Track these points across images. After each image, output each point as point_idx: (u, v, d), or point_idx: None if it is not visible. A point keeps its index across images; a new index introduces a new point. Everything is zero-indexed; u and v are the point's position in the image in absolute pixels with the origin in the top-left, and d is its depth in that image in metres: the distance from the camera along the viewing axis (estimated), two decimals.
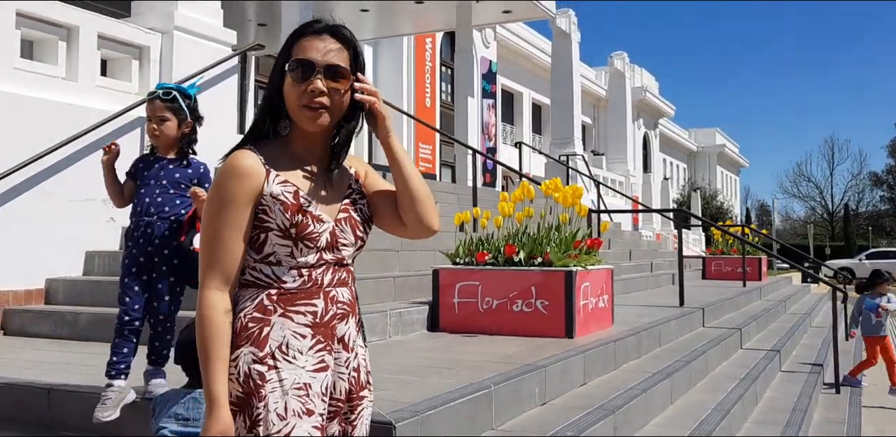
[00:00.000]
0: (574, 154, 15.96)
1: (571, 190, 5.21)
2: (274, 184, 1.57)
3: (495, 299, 4.93)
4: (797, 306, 10.90)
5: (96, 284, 5.20)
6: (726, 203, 41.54)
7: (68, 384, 3.23)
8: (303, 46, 1.61)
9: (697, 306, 6.67)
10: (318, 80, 1.57)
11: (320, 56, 1.58)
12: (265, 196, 1.56)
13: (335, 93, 1.59)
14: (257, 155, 1.59)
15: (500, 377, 3.32)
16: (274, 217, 1.56)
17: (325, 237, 1.59)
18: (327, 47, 1.60)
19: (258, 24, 13.70)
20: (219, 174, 1.58)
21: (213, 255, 1.56)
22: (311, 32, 1.62)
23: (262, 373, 1.51)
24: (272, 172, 1.58)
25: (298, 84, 1.58)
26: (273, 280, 1.57)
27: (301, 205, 1.58)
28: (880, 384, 7.46)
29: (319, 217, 1.59)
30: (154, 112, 3.11)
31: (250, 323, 1.54)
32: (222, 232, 1.55)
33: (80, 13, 5.98)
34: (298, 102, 1.58)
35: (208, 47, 6.76)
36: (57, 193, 5.45)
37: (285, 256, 1.57)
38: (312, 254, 1.58)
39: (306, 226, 1.57)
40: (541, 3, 12.88)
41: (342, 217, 1.64)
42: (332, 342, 1.61)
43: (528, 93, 27.30)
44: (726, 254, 12.01)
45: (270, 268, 1.58)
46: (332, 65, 1.58)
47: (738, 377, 5.12)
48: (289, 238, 1.56)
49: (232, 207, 1.55)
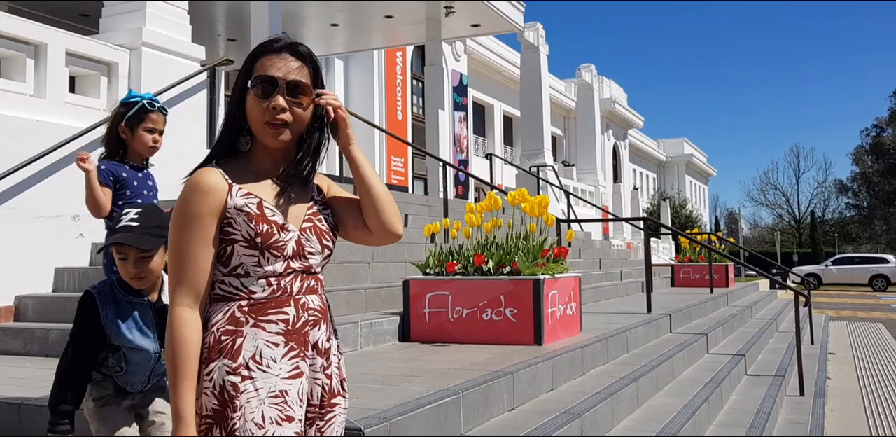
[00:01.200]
0: (544, 165, 16.12)
1: (538, 200, 5.32)
2: (237, 197, 1.61)
3: (465, 308, 5.01)
4: (763, 311, 11.09)
5: (66, 300, 5.19)
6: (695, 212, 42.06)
7: (38, 399, 3.24)
8: (264, 65, 1.64)
9: (665, 313, 6.79)
10: (279, 97, 1.61)
11: (281, 73, 1.62)
12: (229, 209, 1.60)
13: (297, 109, 1.63)
14: (220, 171, 1.62)
15: (469, 384, 3.39)
16: (239, 228, 1.59)
17: (292, 246, 1.62)
18: (288, 65, 1.64)
19: (228, 40, 13.73)
20: (183, 192, 1.61)
21: (182, 271, 1.58)
22: (271, 51, 1.66)
23: (235, 384, 1.52)
24: (234, 185, 1.62)
25: (261, 101, 1.61)
26: (243, 292, 1.60)
27: (265, 215, 1.61)
28: (843, 385, 7.63)
29: (284, 226, 1.62)
30: (157, 124, 3.18)
31: (223, 336, 1.56)
32: (190, 248, 1.58)
33: (47, 30, 6.00)
34: (261, 118, 1.61)
35: (177, 63, 6.81)
36: (25, 209, 5.45)
37: (253, 266, 1.60)
38: (280, 262, 1.61)
39: (271, 234, 1.60)
40: (509, 16, 13.06)
41: (307, 226, 1.68)
42: (306, 349, 1.62)
43: (499, 105, 27.54)
44: (694, 262, 12.20)
45: (239, 280, 1.60)
46: (293, 81, 1.62)
47: (703, 381, 5.23)
48: (255, 248, 1.59)
49: (197, 223, 1.58)
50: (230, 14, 12.42)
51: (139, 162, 3.25)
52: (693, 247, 12.36)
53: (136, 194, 3.17)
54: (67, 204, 5.72)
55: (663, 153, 47.36)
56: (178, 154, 6.63)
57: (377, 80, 19.06)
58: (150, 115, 3.17)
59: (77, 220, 5.80)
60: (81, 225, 5.83)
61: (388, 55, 19.38)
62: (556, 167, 17.12)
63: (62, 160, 5.69)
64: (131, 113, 3.15)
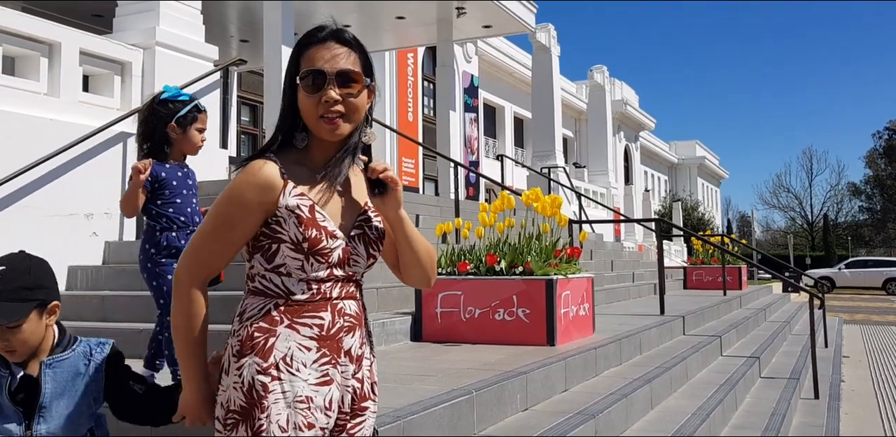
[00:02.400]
0: (556, 166, 16.08)
1: (551, 200, 5.29)
2: (290, 196, 1.56)
3: (477, 308, 4.99)
4: (777, 314, 11.02)
5: (79, 298, 5.20)
6: (707, 214, 41.87)
7: None
8: (310, 57, 1.59)
9: (678, 315, 6.74)
10: (331, 90, 1.56)
11: (329, 65, 1.58)
12: (280, 208, 1.56)
13: (350, 99, 1.59)
14: (278, 165, 1.58)
15: (482, 383, 3.37)
16: (287, 229, 1.55)
17: (338, 254, 1.58)
18: (334, 54, 1.59)
19: (241, 41, 13.76)
20: (238, 178, 1.58)
21: (206, 252, 1.59)
22: (315, 42, 1.61)
23: (265, 384, 1.51)
24: (290, 183, 1.57)
25: (311, 95, 1.57)
26: (282, 291, 1.57)
27: (316, 219, 1.56)
28: (858, 389, 7.56)
29: (333, 233, 1.58)
30: (205, 124, 3.18)
31: (256, 333, 1.54)
32: (223, 235, 1.57)
33: (61, 29, 6.02)
34: (315, 113, 1.57)
35: (190, 63, 6.82)
36: (38, 208, 5.46)
37: (296, 269, 1.57)
38: (323, 269, 1.57)
39: (319, 241, 1.56)
40: (521, 17, 13.03)
41: (356, 234, 1.63)
42: (339, 355, 1.59)
43: (510, 106, 27.50)
44: (707, 264, 12.13)
45: (280, 278, 1.58)
46: (342, 71, 1.58)
47: (717, 383, 5.18)
48: (301, 252, 1.55)
49: (242, 212, 1.55)
50: (243, 15, 12.45)
51: (180, 160, 3.22)
52: (706, 249, 12.29)
53: (175, 194, 3.12)
54: (80, 203, 5.74)
55: (675, 155, 47.18)
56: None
57: (388, 81, 19.07)
58: (200, 114, 3.16)
59: (90, 218, 5.81)
60: (94, 224, 5.85)
61: (399, 56, 19.38)
62: (567, 169, 17.07)
63: (75, 159, 5.71)
64: (184, 112, 3.10)
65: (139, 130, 3.16)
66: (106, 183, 5.97)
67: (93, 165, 5.85)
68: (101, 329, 4.67)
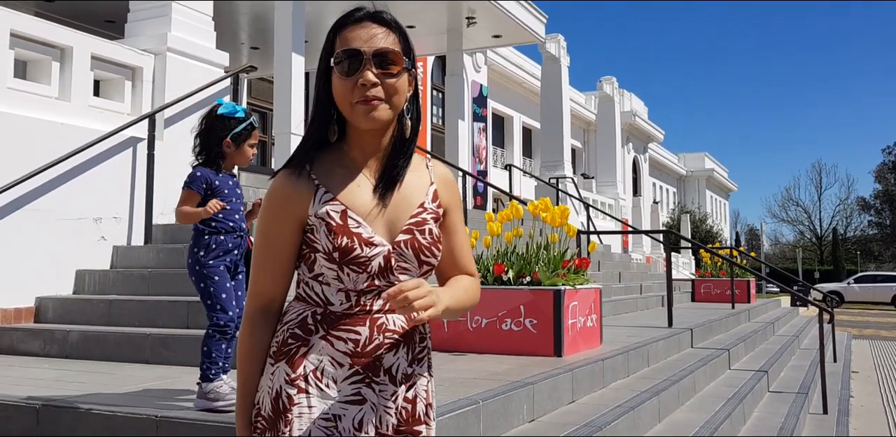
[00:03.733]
0: (564, 177, 16.06)
1: (560, 210, 5.27)
2: (320, 203, 1.45)
3: (484, 317, 4.96)
4: (785, 328, 10.94)
5: (87, 302, 5.20)
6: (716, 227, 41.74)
7: (58, 400, 3.23)
8: (344, 38, 1.45)
9: (686, 327, 6.70)
10: (368, 71, 1.41)
11: (366, 44, 1.43)
12: (310, 217, 1.45)
13: (389, 80, 1.43)
14: (307, 169, 1.47)
15: (488, 393, 3.34)
16: (319, 238, 1.44)
17: (378, 262, 1.43)
18: (371, 33, 1.44)
19: (251, 48, 13.82)
20: (266, 194, 1.51)
21: (258, 276, 1.52)
22: (351, 22, 1.47)
23: (290, 396, 1.42)
24: (321, 189, 1.46)
25: (347, 79, 1.42)
26: (321, 300, 1.47)
27: (348, 226, 1.43)
28: (867, 404, 7.49)
29: (370, 240, 1.43)
30: (256, 139, 3.37)
31: (290, 339, 1.46)
32: (268, 252, 1.50)
33: (73, 34, 6.05)
34: (351, 98, 1.42)
35: (201, 69, 6.84)
36: (47, 211, 5.47)
37: (333, 279, 1.45)
38: (362, 279, 1.44)
39: (351, 249, 1.42)
40: (531, 28, 13.06)
41: (403, 239, 1.47)
42: (376, 374, 1.45)
43: (519, 116, 27.52)
44: (715, 276, 12.06)
45: (321, 287, 1.47)
46: (380, 50, 1.43)
47: (726, 397, 5.14)
48: (333, 262, 1.43)
49: (276, 227, 1.48)
50: (254, 23, 12.51)
51: (231, 170, 3.42)
52: (714, 262, 12.23)
53: (225, 201, 3.30)
54: (89, 207, 5.75)
55: (684, 167, 47.08)
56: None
57: None
58: (254, 131, 3.35)
59: (99, 223, 5.82)
60: (103, 228, 5.85)
61: None
62: (575, 179, 17.05)
63: (85, 163, 5.72)
64: (239, 130, 3.28)
65: (195, 143, 3.35)
66: (115, 187, 5.98)
67: (102, 169, 5.86)
68: (108, 333, 4.67)
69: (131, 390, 3.54)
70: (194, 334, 4.46)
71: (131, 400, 3.24)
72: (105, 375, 4.03)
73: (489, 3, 11.66)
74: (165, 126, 6.43)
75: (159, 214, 6.22)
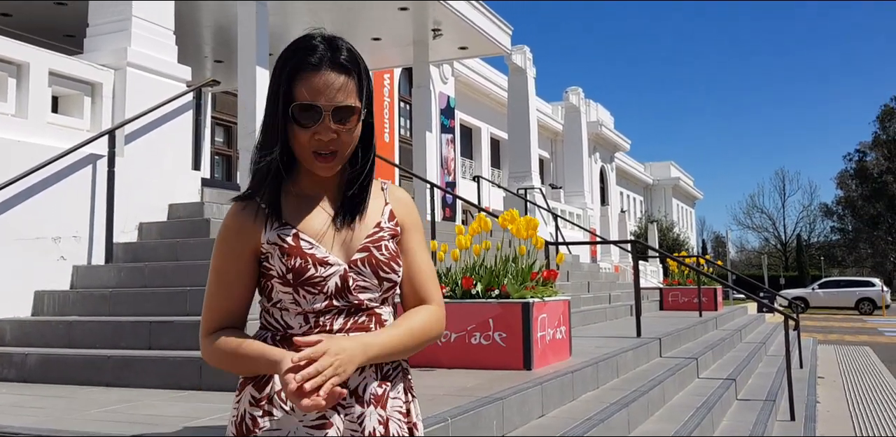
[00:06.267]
0: (532, 188, 16.12)
1: (526, 221, 5.26)
2: (271, 230, 1.45)
3: (453, 332, 4.92)
4: (752, 335, 11.05)
5: (46, 324, 5.07)
6: (682, 235, 42.19)
7: (17, 427, 3.13)
8: (301, 88, 1.41)
9: (654, 337, 6.72)
10: (326, 126, 1.41)
11: (325, 98, 1.40)
12: (263, 245, 1.45)
13: (345, 136, 1.43)
14: (257, 201, 1.47)
15: (457, 410, 3.30)
16: (273, 264, 1.44)
17: (335, 282, 1.43)
18: (330, 85, 1.41)
19: (215, 61, 13.71)
20: (219, 230, 1.51)
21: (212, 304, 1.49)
22: (308, 68, 1.42)
23: (255, 418, 1.40)
24: (271, 217, 1.46)
25: (303, 131, 1.42)
26: (281, 325, 1.46)
27: (300, 247, 1.43)
28: (833, 410, 7.56)
29: (324, 259, 1.43)
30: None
31: None
32: (222, 284, 1.49)
33: (30, 49, 5.94)
34: (307, 147, 1.42)
35: (163, 83, 6.75)
36: (5, 231, 5.34)
37: (290, 303, 1.44)
38: (320, 300, 1.43)
39: (305, 269, 1.42)
40: (497, 39, 13.12)
41: (360, 257, 1.46)
42: None
43: (487, 127, 27.63)
44: (683, 285, 12.16)
45: (280, 312, 1.46)
46: (339, 107, 1.41)
47: (695, 406, 5.15)
48: (288, 285, 1.42)
49: (230, 259, 1.47)
50: (217, 36, 12.42)
51: None
52: (681, 270, 12.33)
53: None
54: (48, 226, 5.63)
55: (650, 176, 47.60)
56: (163, 175, 6.56)
57: None
58: None
59: (58, 242, 5.69)
60: (62, 247, 5.73)
61: (375, 77, 19.44)
62: (543, 190, 17.13)
63: (43, 181, 5.60)
64: None
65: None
66: (75, 206, 5.86)
67: (61, 187, 5.74)
68: (68, 356, 4.56)
69: (93, 414, 3.45)
70: (156, 356, 4.37)
71: (93, 425, 3.15)
72: (65, 399, 3.92)
73: (455, 15, 11.70)
74: (126, 142, 6.33)
75: (120, 233, 6.11)
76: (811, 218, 67.07)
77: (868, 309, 30.34)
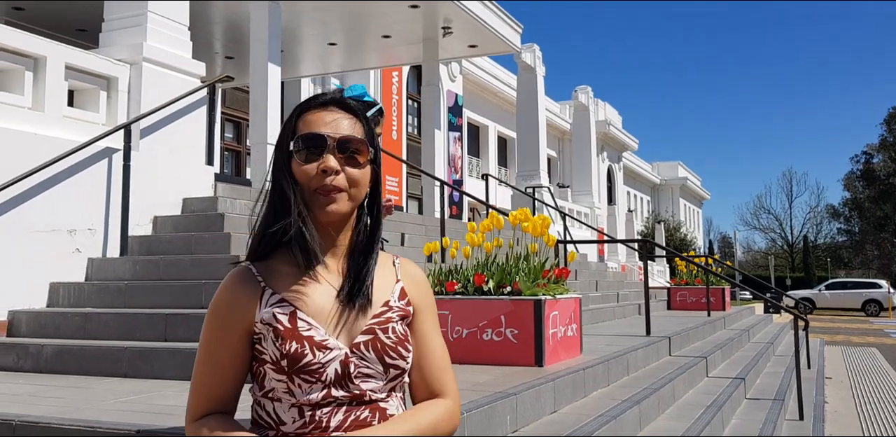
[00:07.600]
0: (540, 186, 16.13)
1: (540, 220, 5.29)
2: (266, 307, 1.30)
3: (465, 328, 4.95)
4: (760, 335, 11.04)
5: (61, 315, 5.11)
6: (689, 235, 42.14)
7: (34, 416, 3.17)
8: (307, 122, 1.34)
9: (664, 336, 6.74)
10: (330, 156, 1.30)
11: (330, 129, 1.32)
12: (257, 324, 1.29)
13: (352, 169, 1.32)
14: (254, 270, 1.34)
15: (471, 405, 3.33)
16: (266, 348, 1.28)
17: (334, 368, 1.26)
18: (336, 119, 1.34)
19: (226, 57, 13.76)
20: (210, 303, 1.37)
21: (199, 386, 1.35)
22: (315, 106, 1.37)
23: None
24: (268, 291, 1.31)
25: (307, 164, 1.31)
26: (273, 420, 1.29)
27: (297, 329, 1.27)
28: (841, 410, 7.57)
29: (323, 343, 1.26)
30: (381, 128, 3.34)
31: None
32: (211, 362, 1.34)
33: (47, 43, 5.98)
34: (309, 186, 1.30)
35: (177, 79, 6.79)
36: (21, 223, 5.38)
37: (283, 393, 1.27)
38: (317, 390, 1.25)
39: (301, 355, 1.25)
40: (506, 38, 13.13)
41: (363, 340, 1.29)
42: None
43: (494, 126, 27.65)
44: (690, 285, 12.16)
45: (272, 404, 1.30)
46: (345, 137, 1.32)
47: (705, 405, 5.17)
48: (282, 372, 1.25)
49: (222, 334, 1.32)
50: (229, 32, 12.46)
51: None
52: (689, 270, 12.33)
53: None
54: (64, 218, 5.67)
55: (658, 176, 47.55)
56: (178, 169, 6.60)
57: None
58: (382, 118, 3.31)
59: (73, 234, 5.74)
60: (77, 240, 5.77)
61: (384, 75, 19.45)
62: (551, 188, 17.14)
63: (59, 174, 5.65)
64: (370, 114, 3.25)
65: None
66: (90, 199, 5.90)
67: (77, 180, 5.79)
68: (84, 347, 4.60)
69: (110, 404, 3.48)
70: (173, 347, 4.40)
71: (111, 415, 3.19)
72: (82, 389, 3.96)
73: (465, 14, 11.71)
74: (141, 137, 6.37)
75: (135, 226, 6.15)
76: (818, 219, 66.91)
77: (874, 311, 30.28)
